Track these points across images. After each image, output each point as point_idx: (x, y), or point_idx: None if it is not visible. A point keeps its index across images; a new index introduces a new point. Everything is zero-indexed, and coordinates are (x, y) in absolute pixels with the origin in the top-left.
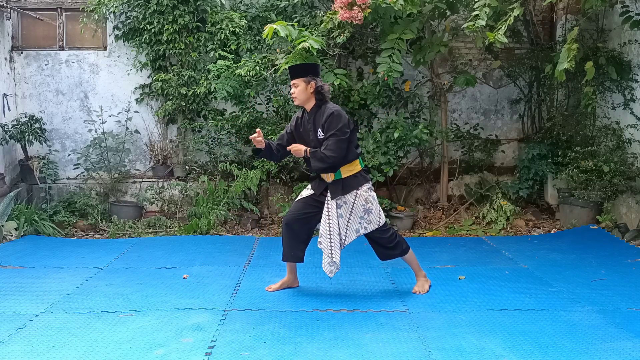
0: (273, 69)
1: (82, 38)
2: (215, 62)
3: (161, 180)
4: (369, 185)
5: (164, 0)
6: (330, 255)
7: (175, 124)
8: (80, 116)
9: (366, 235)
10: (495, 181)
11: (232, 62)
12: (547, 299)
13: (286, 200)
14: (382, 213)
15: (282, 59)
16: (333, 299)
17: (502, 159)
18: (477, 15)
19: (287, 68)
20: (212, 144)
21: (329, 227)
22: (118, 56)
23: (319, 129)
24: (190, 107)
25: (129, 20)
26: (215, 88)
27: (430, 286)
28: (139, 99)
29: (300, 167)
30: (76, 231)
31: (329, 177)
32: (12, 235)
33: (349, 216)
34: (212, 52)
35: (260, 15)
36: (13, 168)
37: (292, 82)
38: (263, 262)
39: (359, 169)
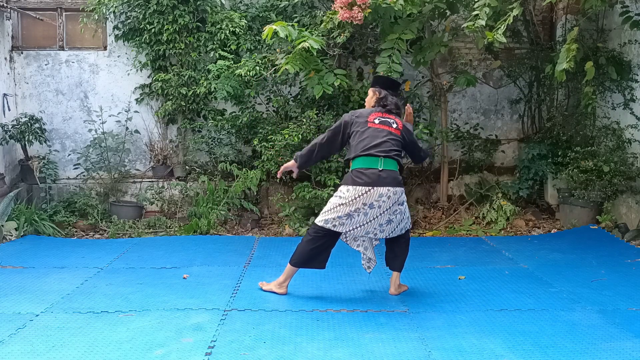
0: (273, 69)
1: (82, 38)
2: (215, 62)
3: (161, 180)
4: (346, 186)
5: (164, 0)
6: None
7: (175, 124)
8: (80, 116)
9: None
10: (495, 181)
11: (232, 62)
12: (547, 299)
13: (286, 200)
14: (325, 216)
15: (282, 59)
16: (333, 299)
17: (502, 159)
18: (477, 15)
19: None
20: (212, 144)
21: None
22: (118, 56)
23: None
24: (190, 107)
25: (129, 20)
26: (215, 88)
27: (283, 294)
28: (139, 99)
29: None
30: (76, 231)
31: None
32: (12, 235)
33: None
34: (212, 52)
35: (260, 15)
36: (13, 168)
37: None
38: (263, 262)
39: (351, 169)
